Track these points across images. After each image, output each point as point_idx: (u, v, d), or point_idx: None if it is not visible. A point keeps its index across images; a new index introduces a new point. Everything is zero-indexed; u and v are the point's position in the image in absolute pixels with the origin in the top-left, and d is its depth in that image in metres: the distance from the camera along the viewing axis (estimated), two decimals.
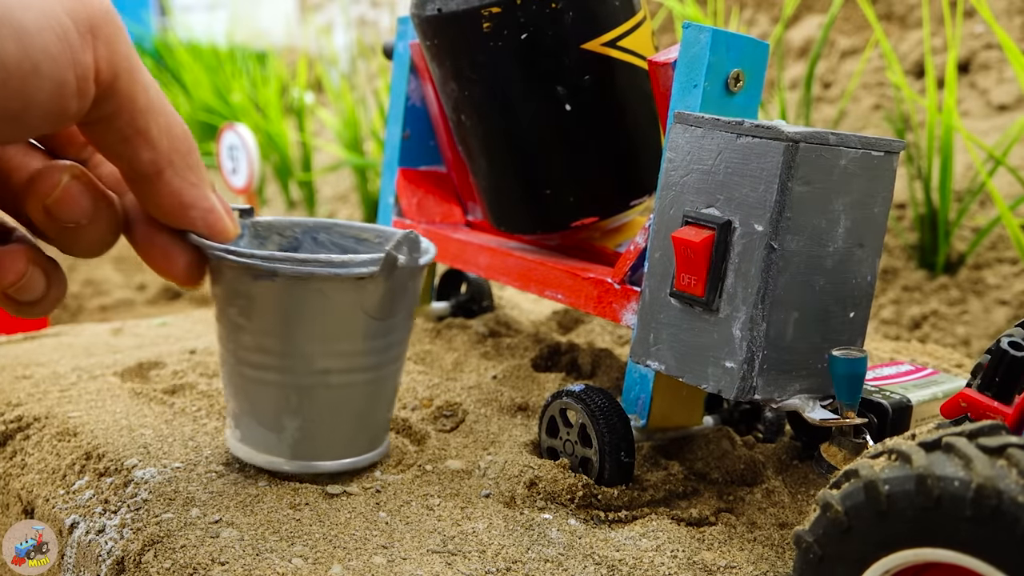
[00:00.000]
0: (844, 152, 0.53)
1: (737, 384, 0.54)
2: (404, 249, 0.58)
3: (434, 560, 0.55)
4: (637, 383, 0.65)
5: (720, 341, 0.55)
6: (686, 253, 0.55)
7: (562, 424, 0.64)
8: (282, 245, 0.69)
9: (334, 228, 0.71)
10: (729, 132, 0.54)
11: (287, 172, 2.23)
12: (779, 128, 0.52)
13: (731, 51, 0.60)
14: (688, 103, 0.61)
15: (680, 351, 0.57)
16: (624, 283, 0.66)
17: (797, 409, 0.56)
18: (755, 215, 0.53)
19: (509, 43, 0.67)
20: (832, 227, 0.54)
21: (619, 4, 0.69)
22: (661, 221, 0.58)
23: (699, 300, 0.55)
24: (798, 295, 0.54)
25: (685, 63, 0.61)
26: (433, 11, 0.68)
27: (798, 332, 0.55)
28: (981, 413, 0.48)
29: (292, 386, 0.60)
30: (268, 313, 0.58)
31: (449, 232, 0.82)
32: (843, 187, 0.54)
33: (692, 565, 0.56)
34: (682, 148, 0.57)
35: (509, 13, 0.66)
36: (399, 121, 0.85)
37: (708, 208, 0.55)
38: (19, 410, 0.73)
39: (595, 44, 0.68)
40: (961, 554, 0.38)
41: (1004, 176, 1.32)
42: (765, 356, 0.54)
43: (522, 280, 0.74)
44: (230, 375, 0.62)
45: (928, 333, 1.22)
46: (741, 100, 0.62)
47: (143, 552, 0.56)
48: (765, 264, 0.52)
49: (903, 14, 1.78)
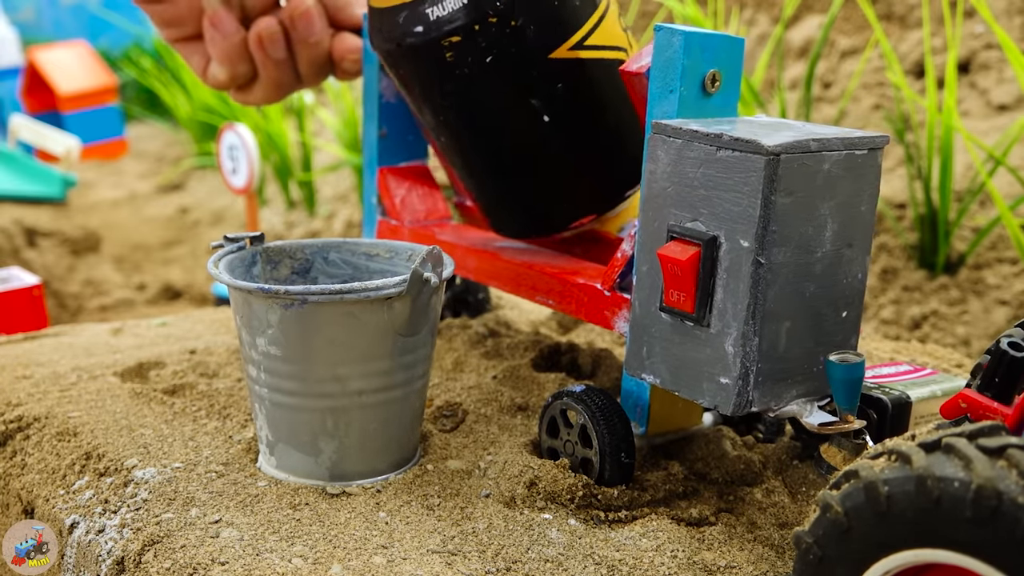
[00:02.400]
0: (827, 156, 0.52)
1: (733, 400, 0.54)
2: (428, 265, 0.59)
3: (434, 560, 0.55)
4: (634, 391, 0.65)
5: (713, 357, 0.54)
6: (673, 270, 0.54)
7: (563, 425, 0.64)
8: (294, 267, 0.70)
9: (344, 246, 0.71)
10: (708, 144, 0.53)
11: (287, 172, 2.23)
12: (758, 142, 0.51)
13: (705, 52, 0.58)
14: (664, 109, 0.59)
15: (674, 365, 0.57)
16: (614, 290, 0.65)
17: (795, 415, 0.56)
18: (740, 230, 0.52)
19: (475, 68, 0.65)
20: (819, 232, 0.53)
21: (579, 4, 0.66)
22: (646, 233, 0.57)
23: (689, 316, 0.55)
24: (789, 305, 0.54)
25: (659, 68, 0.59)
26: (392, 45, 0.66)
27: (791, 340, 0.54)
28: (981, 414, 0.48)
29: (328, 409, 0.61)
30: (300, 339, 0.59)
31: (436, 232, 0.81)
32: (828, 191, 0.53)
33: (692, 565, 0.56)
34: (662, 160, 0.56)
35: (470, 40, 0.64)
36: (375, 119, 0.83)
37: (692, 222, 0.54)
38: (19, 410, 0.73)
39: (562, 51, 0.66)
40: (961, 555, 0.38)
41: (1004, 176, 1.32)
42: (759, 369, 0.53)
43: (512, 284, 0.73)
44: (262, 404, 0.63)
45: (928, 333, 1.22)
46: (718, 100, 0.60)
47: (143, 552, 0.56)
48: (753, 280, 0.52)
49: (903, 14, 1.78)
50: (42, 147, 2.53)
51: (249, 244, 0.68)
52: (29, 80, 2.86)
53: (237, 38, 0.73)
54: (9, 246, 1.96)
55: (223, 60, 0.74)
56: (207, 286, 1.98)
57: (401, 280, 0.59)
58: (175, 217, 2.46)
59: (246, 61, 0.74)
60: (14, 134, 2.55)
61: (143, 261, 2.22)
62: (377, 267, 0.71)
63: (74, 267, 2.06)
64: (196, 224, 2.39)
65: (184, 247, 2.29)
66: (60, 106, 2.84)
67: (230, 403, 0.73)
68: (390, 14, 0.66)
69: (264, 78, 0.75)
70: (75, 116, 2.85)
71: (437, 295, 0.62)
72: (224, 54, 0.74)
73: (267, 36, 0.72)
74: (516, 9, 0.63)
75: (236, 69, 0.75)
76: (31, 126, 2.54)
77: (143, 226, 2.41)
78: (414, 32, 0.64)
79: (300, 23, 0.73)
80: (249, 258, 0.68)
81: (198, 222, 2.39)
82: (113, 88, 3.02)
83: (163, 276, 2.09)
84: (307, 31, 0.73)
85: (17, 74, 2.96)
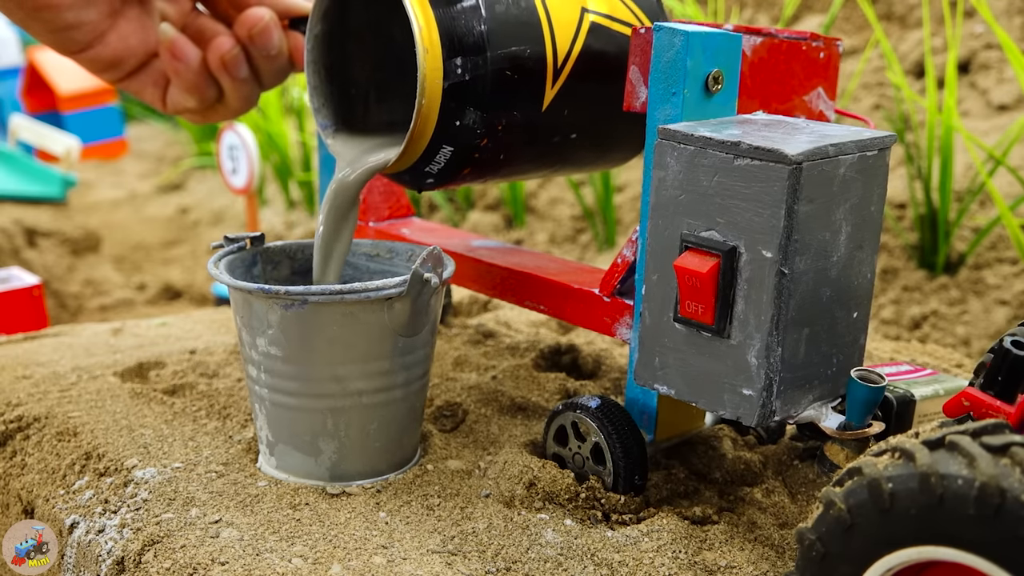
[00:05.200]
0: (842, 161, 0.51)
1: (757, 412, 0.53)
2: (429, 266, 0.59)
3: (434, 560, 0.55)
4: (641, 398, 0.63)
5: (734, 368, 0.53)
6: (691, 282, 0.53)
7: (573, 436, 0.63)
8: (294, 268, 0.70)
9: None
10: (724, 153, 0.51)
11: (287, 172, 2.23)
12: (780, 151, 0.49)
13: (707, 51, 0.57)
14: (668, 112, 0.57)
15: (690, 376, 0.55)
16: (614, 296, 0.64)
17: (813, 420, 0.55)
18: (762, 241, 0.51)
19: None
20: (835, 237, 0.53)
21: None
22: (655, 242, 0.56)
23: (708, 327, 0.53)
24: (808, 312, 0.53)
25: (661, 70, 0.57)
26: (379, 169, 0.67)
27: (810, 347, 0.53)
28: (984, 412, 0.48)
29: (328, 410, 0.61)
30: (300, 340, 0.59)
31: (404, 231, 0.79)
32: (843, 195, 0.52)
33: (693, 565, 0.55)
34: (672, 167, 0.54)
35: (452, 166, 0.65)
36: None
37: (708, 232, 0.53)
38: (19, 410, 0.73)
39: (552, 92, 0.65)
40: (964, 552, 0.38)
41: (1004, 176, 1.31)
42: (782, 379, 0.52)
43: (497, 290, 0.72)
44: (262, 404, 0.62)
45: (928, 333, 1.21)
46: (720, 99, 0.58)
47: (143, 552, 0.56)
48: (777, 291, 0.51)
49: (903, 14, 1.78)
50: (42, 147, 2.53)
51: (249, 244, 0.68)
52: (29, 80, 2.85)
53: (199, 64, 0.70)
54: (9, 246, 1.96)
55: (190, 89, 0.71)
56: (207, 286, 1.98)
57: (401, 281, 0.59)
58: (175, 217, 2.46)
59: (213, 85, 0.71)
60: (14, 134, 2.55)
61: (143, 261, 2.22)
62: (377, 268, 0.71)
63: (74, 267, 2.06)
64: (196, 224, 2.39)
65: (184, 247, 2.29)
66: (60, 106, 2.83)
67: (230, 403, 0.73)
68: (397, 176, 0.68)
69: (231, 97, 0.72)
70: (75, 116, 2.85)
71: (437, 296, 0.62)
72: (190, 84, 0.70)
73: (230, 60, 0.70)
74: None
75: (204, 94, 0.71)
76: (31, 126, 2.54)
77: (143, 226, 2.41)
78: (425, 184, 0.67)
79: (260, 40, 0.70)
80: (249, 258, 0.68)
81: (198, 222, 2.39)
82: (113, 88, 3.01)
83: (163, 276, 2.08)
84: (267, 46, 0.70)
85: (17, 74, 2.95)
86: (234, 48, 0.70)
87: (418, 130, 0.62)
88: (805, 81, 0.66)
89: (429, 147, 0.63)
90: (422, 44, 0.59)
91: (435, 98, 0.61)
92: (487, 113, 0.62)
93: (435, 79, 0.60)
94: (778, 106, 0.65)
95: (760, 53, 0.63)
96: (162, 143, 3.22)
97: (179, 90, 0.72)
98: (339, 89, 0.69)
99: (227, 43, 0.70)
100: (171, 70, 0.70)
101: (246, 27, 0.70)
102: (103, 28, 0.69)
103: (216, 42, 0.70)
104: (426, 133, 0.62)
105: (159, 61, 0.72)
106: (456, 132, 0.62)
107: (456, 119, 0.61)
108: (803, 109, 0.67)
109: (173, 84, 0.72)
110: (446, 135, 0.62)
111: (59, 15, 0.66)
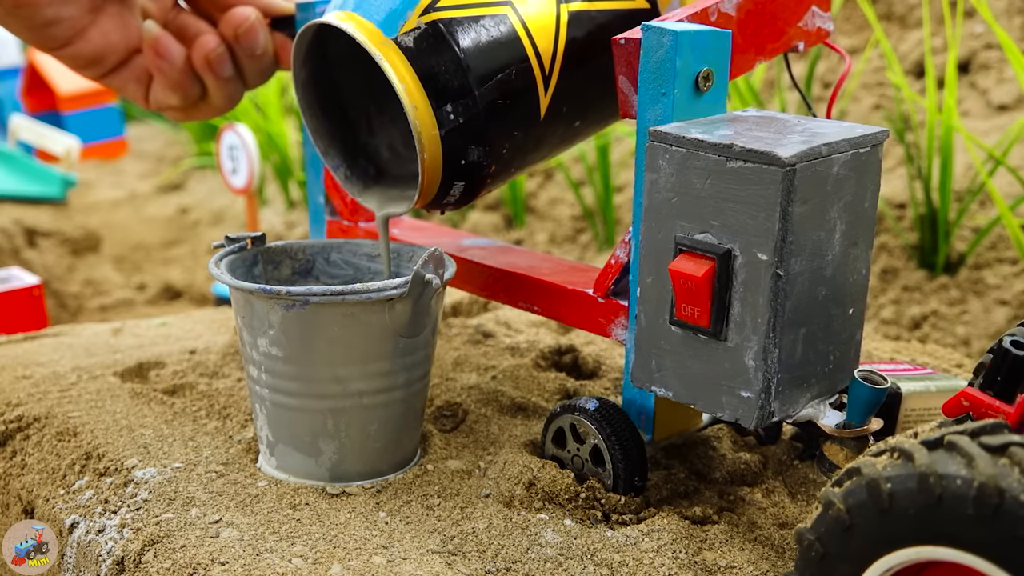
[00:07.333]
0: (835, 160, 0.51)
1: (756, 413, 0.53)
2: (430, 267, 0.59)
3: (434, 560, 0.55)
4: (638, 399, 0.63)
5: (732, 371, 0.53)
6: (686, 286, 0.53)
7: (571, 438, 0.63)
8: (295, 268, 0.70)
9: (345, 247, 0.71)
10: (717, 155, 0.51)
11: (287, 172, 2.23)
12: (774, 153, 0.49)
13: (696, 50, 0.56)
14: (658, 113, 0.57)
15: (687, 379, 0.55)
16: (608, 297, 0.64)
17: (811, 419, 0.55)
18: (757, 243, 0.50)
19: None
20: (830, 236, 0.53)
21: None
22: (649, 245, 0.55)
23: (704, 330, 0.53)
24: (805, 312, 0.53)
25: (650, 70, 0.56)
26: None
27: (807, 346, 0.53)
28: (983, 412, 0.48)
29: (329, 410, 0.61)
30: (301, 340, 0.59)
31: (394, 231, 0.79)
32: (837, 194, 0.52)
33: (693, 565, 0.55)
34: (664, 169, 0.54)
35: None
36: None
37: (701, 234, 0.52)
38: (19, 410, 0.73)
39: (545, 102, 0.65)
40: (963, 552, 0.38)
41: (1004, 176, 1.31)
42: (779, 380, 0.52)
43: (490, 290, 0.71)
44: (262, 404, 0.62)
45: (928, 333, 1.21)
46: (710, 98, 0.58)
47: (143, 552, 0.56)
48: (773, 293, 0.51)
49: (903, 14, 1.78)
50: (42, 147, 2.53)
51: (250, 244, 0.68)
52: (29, 80, 2.85)
53: (183, 62, 0.70)
54: (9, 246, 1.96)
55: (174, 87, 0.71)
56: (207, 286, 1.98)
57: (403, 282, 0.59)
58: (175, 217, 2.46)
59: (196, 83, 0.71)
60: (14, 134, 2.55)
61: (143, 261, 2.22)
62: (378, 268, 0.71)
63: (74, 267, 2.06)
64: (196, 224, 2.39)
65: (184, 247, 2.28)
66: (60, 106, 2.83)
67: (230, 403, 0.73)
68: None
69: (215, 96, 0.71)
70: (75, 116, 2.84)
71: (438, 297, 0.62)
72: (174, 81, 0.70)
73: (215, 59, 0.69)
74: None
75: (188, 92, 0.71)
76: (31, 126, 2.54)
77: (143, 226, 2.41)
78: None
79: (245, 39, 0.70)
80: (250, 258, 0.68)
81: (198, 222, 2.39)
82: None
83: (163, 276, 2.08)
84: (253, 46, 0.70)
85: (17, 74, 2.95)
86: (219, 47, 0.70)
87: (426, 182, 0.62)
88: (796, 8, 0.65)
89: (441, 187, 0.63)
90: (409, 103, 0.60)
91: (435, 149, 0.61)
92: (489, 145, 0.62)
93: (430, 132, 0.61)
94: (773, 45, 0.65)
95: (747, 7, 0.62)
96: (162, 143, 3.22)
97: (162, 87, 0.72)
98: (338, 117, 0.69)
99: (212, 42, 0.70)
100: (155, 68, 0.70)
101: (232, 26, 0.70)
102: (83, 24, 0.69)
103: (201, 40, 0.70)
104: (435, 181, 0.63)
105: (141, 57, 0.72)
106: (463, 169, 0.63)
107: (460, 159, 0.62)
108: (800, 35, 0.66)
109: (156, 81, 0.72)
110: (455, 174, 0.63)
111: (38, 11, 0.66)
